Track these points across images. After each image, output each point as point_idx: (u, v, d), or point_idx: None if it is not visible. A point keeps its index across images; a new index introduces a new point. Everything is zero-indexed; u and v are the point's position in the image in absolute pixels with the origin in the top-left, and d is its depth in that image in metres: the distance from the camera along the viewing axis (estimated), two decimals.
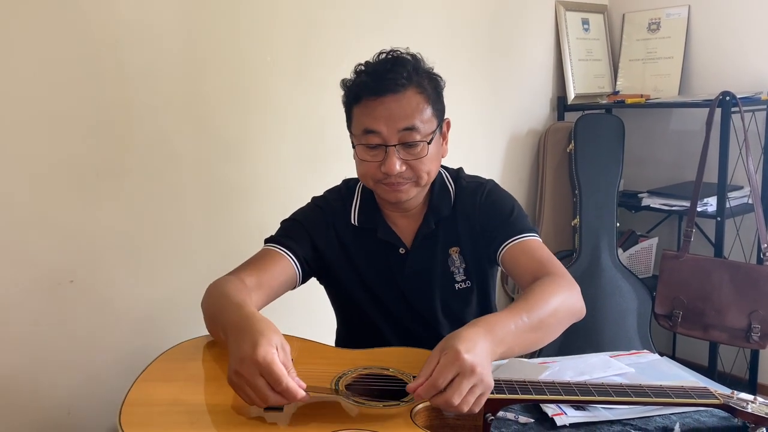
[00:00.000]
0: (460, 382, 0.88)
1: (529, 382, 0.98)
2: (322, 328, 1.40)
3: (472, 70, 2.43)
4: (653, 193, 2.58)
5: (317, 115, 1.96)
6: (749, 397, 0.98)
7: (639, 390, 0.98)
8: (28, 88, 1.46)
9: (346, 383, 1.02)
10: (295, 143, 1.95)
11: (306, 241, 1.29)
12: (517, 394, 0.95)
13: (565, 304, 1.11)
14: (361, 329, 1.35)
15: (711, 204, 2.36)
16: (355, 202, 1.33)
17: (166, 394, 0.97)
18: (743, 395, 0.99)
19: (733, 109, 2.24)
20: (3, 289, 1.47)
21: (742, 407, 0.95)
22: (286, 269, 1.25)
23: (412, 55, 1.23)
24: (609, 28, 2.87)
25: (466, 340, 0.91)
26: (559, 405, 1.03)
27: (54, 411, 1.57)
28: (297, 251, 1.27)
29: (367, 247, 1.30)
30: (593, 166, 2.55)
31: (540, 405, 1.03)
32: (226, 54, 1.77)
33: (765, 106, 2.40)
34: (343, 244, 1.31)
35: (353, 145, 1.24)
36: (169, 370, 1.05)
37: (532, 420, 1.01)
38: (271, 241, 1.29)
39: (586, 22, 2.79)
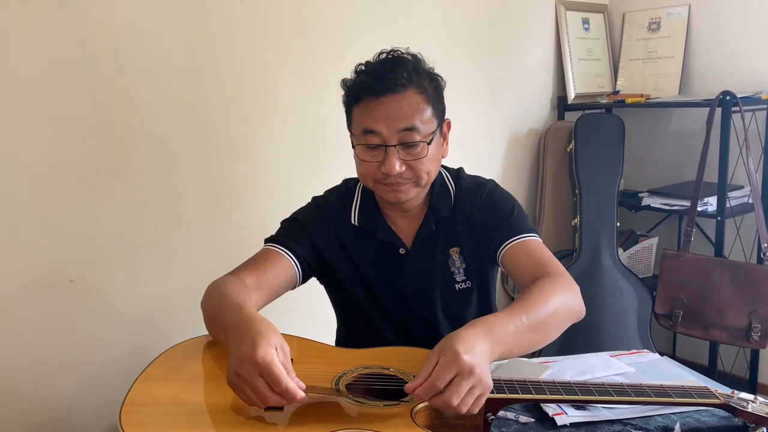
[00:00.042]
0: (459, 383, 0.87)
1: (529, 381, 0.98)
2: (322, 327, 1.40)
3: (472, 70, 2.43)
4: (653, 192, 2.58)
5: (317, 115, 1.96)
6: (749, 396, 0.98)
7: (639, 389, 0.98)
8: (28, 88, 1.46)
9: (346, 383, 1.02)
10: (295, 143, 1.95)
11: (306, 241, 1.29)
12: (518, 393, 0.95)
13: (564, 304, 1.11)
14: (361, 329, 1.35)
15: (711, 204, 2.35)
16: (355, 202, 1.32)
17: (166, 394, 0.97)
18: (743, 395, 0.99)
19: (733, 108, 2.24)
20: (3, 289, 1.47)
21: (743, 407, 0.95)
22: (286, 269, 1.25)
23: (413, 55, 1.23)
24: (609, 27, 2.87)
25: (464, 340, 0.91)
26: (559, 404, 1.03)
27: (54, 411, 1.57)
28: (297, 251, 1.26)
29: (368, 247, 1.30)
30: (593, 166, 2.55)
31: (540, 404, 1.03)
32: (227, 54, 1.77)
33: (765, 106, 2.40)
34: (343, 244, 1.31)
35: (353, 145, 1.24)
36: (169, 369, 1.05)
37: (533, 419, 1.01)
38: (271, 240, 1.29)
39: (586, 21, 2.79)
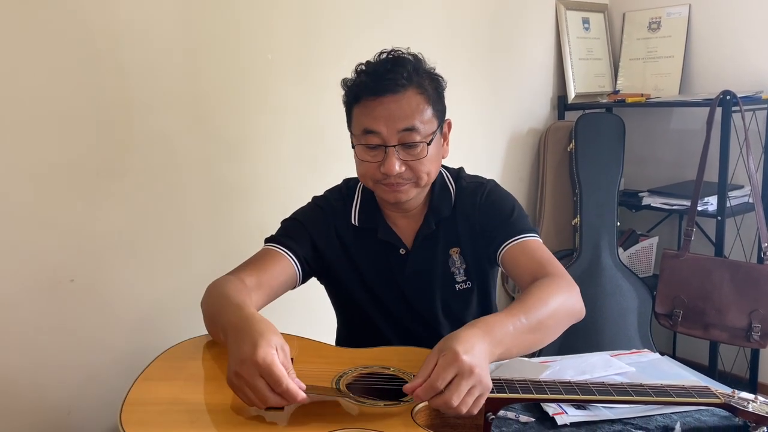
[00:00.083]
0: (459, 383, 0.87)
1: (530, 381, 0.98)
2: (322, 327, 1.40)
3: (472, 70, 2.43)
4: (654, 192, 2.57)
5: (317, 115, 1.96)
6: (750, 396, 0.98)
7: (640, 389, 0.98)
8: (28, 88, 1.46)
9: (346, 382, 1.02)
10: (295, 143, 1.95)
11: (306, 240, 1.29)
12: (518, 393, 0.95)
13: (564, 305, 1.11)
14: (361, 329, 1.35)
15: (711, 203, 2.35)
16: (355, 202, 1.32)
17: (166, 393, 0.97)
18: (744, 394, 0.99)
19: (733, 108, 2.24)
20: (3, 289, 1.47)
21: (743, 406, 0.95)
22: (286, 269, 1.24)
23: (413, 55, 1.22)
24: (609, 27, 2.87)
25: (464, 341, 0.91)
26: (559, 404, 1.03)
27: (54, 410, 1.57)
28: (297, 251, 1.26)
29: (368, 247, 1.30)
30: (594, 166, 2.55)
31: (541, 404, 1.03)
32: (227, 54, 1.77)
33: (765, 105, 2.40)
34: (343, 244, 1.31)
35: (353, 145, 1.23)
36: (169, 369, 1.05)
37: (533, 419, 1.01)
38: (272, 240, 1.29)
39: (586, 21, 2.79)
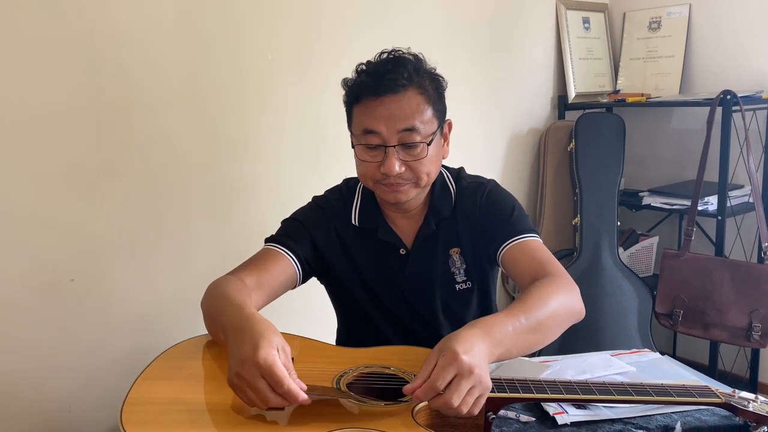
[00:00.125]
0: (459, 383, 0.87)
1: (530, 380, 0.98)
2: (323, 327, 1.40)
3: (472, 70, 2.43)
4: (654, 191, 2.57)
5: (317, 115, 1.96)
6: (750, 395, 0.98)
7: (640, 389, 0.98)
8: (29, 88, 1.46)
9: (347, 382, 1.02)
10: (295, 143, 1.95)
11: (306, 240, 1.28)
12: (519, 392, 0.95)
13: (563, 305, 1.10)
14: (361, 329, 1.35)
15: (712, 203, 2.35)
16: (355, 202, 1.32)
17: (166, 393, 0.97)
18: (744, 394, 0.99)
19: (733, 107, 2.24)
20: (3, 289, 1.47)
21: (744, 406, 0.95)
22: (286, 269, 1.24)
23: (414, 55, 1.22)
24: (610, 26, 2.87)
25: (463, 341, 0.91)
26: (560, 404, 1.03)
27: (55, 410, 1.57)
28: (297, 251, 1.26)
29: (368, 247, 1.30)
30: (594, 165, 2.55)
31: (541, 404, 1.03)
32: (227, 54, 1.77)
33: (766, 105, 2.40)
34: (343, 244, 1.31)
35: (353, 145, 1.23)
36: (169, 369, 1.05)
37: (534, 418, 1.01)
38: (272, 240, 1.28)
39: (586, 20, 2.79)
